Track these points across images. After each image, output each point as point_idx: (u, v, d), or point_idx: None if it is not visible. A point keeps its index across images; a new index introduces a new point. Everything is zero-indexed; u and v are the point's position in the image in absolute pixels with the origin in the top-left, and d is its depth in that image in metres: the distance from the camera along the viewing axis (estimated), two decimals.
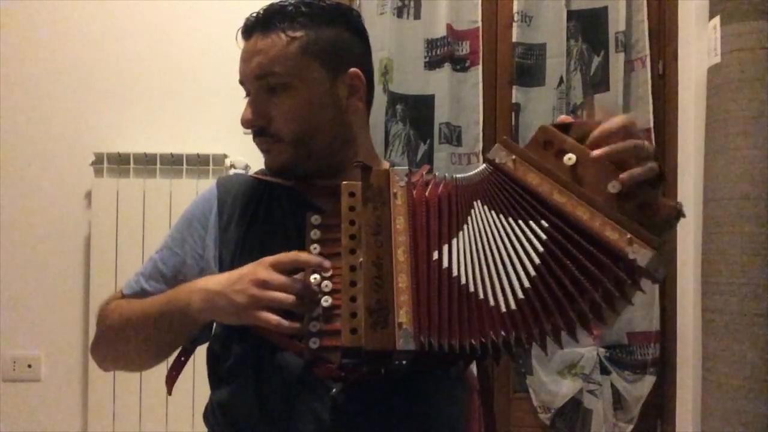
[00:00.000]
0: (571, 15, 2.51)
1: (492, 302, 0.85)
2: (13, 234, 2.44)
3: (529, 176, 0.86)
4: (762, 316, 1.98)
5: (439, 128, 2.46)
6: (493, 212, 0.87)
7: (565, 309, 0.82)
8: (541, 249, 0.84)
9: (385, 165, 1.17)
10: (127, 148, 2.41)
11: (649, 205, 0.82)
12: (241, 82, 1.11)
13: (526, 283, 0.84)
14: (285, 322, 0.91)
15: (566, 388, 2.42)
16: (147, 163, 2.39)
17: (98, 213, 2.37)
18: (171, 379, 1.08)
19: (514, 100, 2.49)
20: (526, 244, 0.84)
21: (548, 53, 2.49)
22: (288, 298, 0.91)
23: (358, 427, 0.97)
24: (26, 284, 2.43)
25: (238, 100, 2.68)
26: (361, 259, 0.87)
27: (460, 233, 0.88)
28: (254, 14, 1.11)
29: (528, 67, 2.50)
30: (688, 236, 2.36)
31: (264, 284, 0.91)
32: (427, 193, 0.91)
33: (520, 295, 0.84)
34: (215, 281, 0.97)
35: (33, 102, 2.47)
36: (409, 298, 0.85)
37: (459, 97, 2.49)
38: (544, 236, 0.84)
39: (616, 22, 2.47)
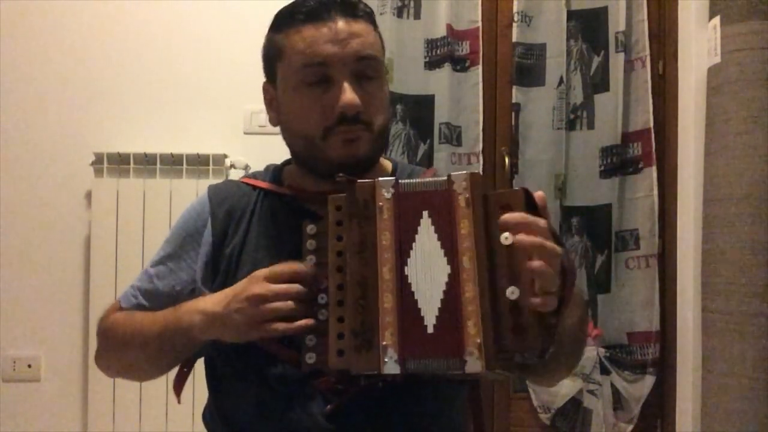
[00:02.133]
0: (571, 15, 2.51)
1: (425, 321, 0.83)
2: (13, 234, 2.43)
3: (463, 222, 0.83)
4: (762, 316, 1.98)
5: (439, 128, 2.46)
6: (433, 228, 0.85)
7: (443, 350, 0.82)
8: (444, 287, 0.83)
9: (387, 165, 1.14)
10: (127, 148, 2.40)
11: (525, 330, 0.78)
12: (321, 63, 0.98)
13: (436, 311, 0.83)
14: (291, 325, 0.89)
15: (566, 388, 2.42)
16: (147, 163, 2.39)
17: (98, 213, 2.37)
18: (178, 389, 1.07)
19: (514, 100, 2.49)
20: (439, 278, 0.83)
21: (548, 53, 2.50)
22: (286, 306, 0.89)
23: None
24: (26, 284, 2.42)
25: (238, 101, 2.70)
26: (347, 278, 0.85)
27: (414, 244, 0.86)
28: None
29: (528, 67, 2.50)
30: (688, 236, 2.36)
31: (260, 299, 0.89)
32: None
33: (434, 320, 0.83)
34: (212, 302, 0.95)
35: (33, 102, 2.47)
36: (394, 318, 0.83)
37: (459, 97, 2.49)
38: (446, 279, 0.83)
39: (616, 22, 2.48)
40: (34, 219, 2.44)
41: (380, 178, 0.88)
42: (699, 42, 2.27)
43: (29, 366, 2.42)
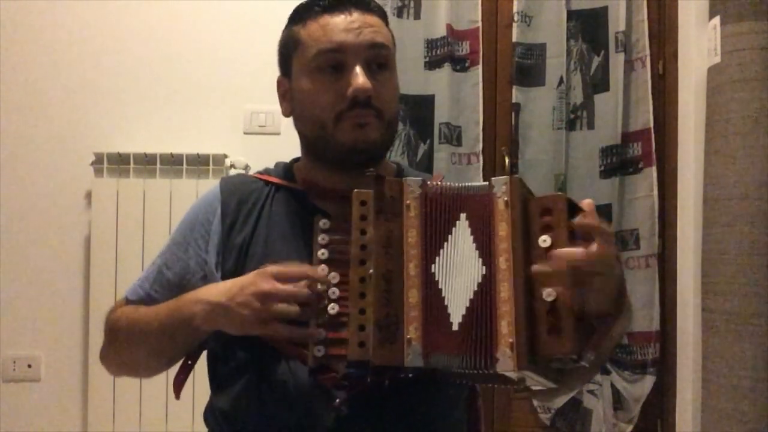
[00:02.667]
0: (571, 15, 2.51)
1: (450, 318, 0.84)
2: (13, 234, 2.43)
3: (501, 225, 0.83)
4: (762, 316, 1.98)
5: (439, 128, 2.46)
6: (469, 230, 0.86)
7: (464, 354, 0.82)
8: (475, 287, 0.83)
9: (392, 166, 1.15)
10: (127, 148, 2.41)
11: (561, 332, 0.78)
12: (335, 50, 1.01)
13: (464, 310, 0.83)
14: (293, 331, 0.90)
15: None
16: (147, 163, 2.39)
17: (98, 213, 2.37)
18: (179, 383, 1.07)
19: (514, 100, 2.49)
20: (471, 278, 0.84)
21: (548, 53, 2.50)
22: (292, 309, 0.89)
23: None
24: (26, 284, 2.42)
25: (238, 100, 2.70)
26: (371, 271, 0.86)
27: (446, 244, 0.87)
28: None
29: (528, 67, 2.50)
30: (688, 236, 2.36)
31: (267, 296, 0.90)
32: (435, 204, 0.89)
33: (460, 319, 0.83)
34: (216, 292, 0.95)
35: (33, 102, 2.47)
36: (419, 313, 0.84)
37: (459, 97, 2.49)
38: (480, 279, 0.83)
39: (616, 22, 2.48)
40: (34, 219, 2.44)
41: (408, 178, 0.89)
42: (699, 42, 2.27)
43: (29, 366, 2.42)
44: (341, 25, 1.02)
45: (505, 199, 0.84)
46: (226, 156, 2.41)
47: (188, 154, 2.39)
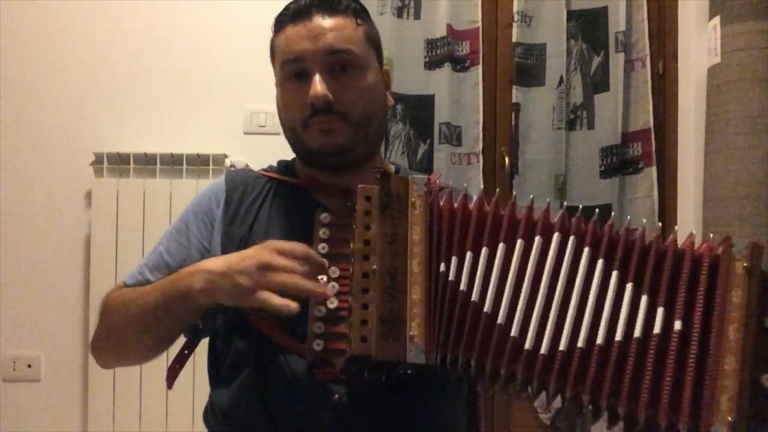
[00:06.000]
0: (571, 15, 2.51)
1: (514, 332, 0.83)
2: (13, 234, 2.43)
3: (736, 291, 0.79)
4: None
5: (439, 128, 2.46)
6: (612, 271, 0.83)
7: (600, 392, 0.81)
8: (638, 334, 0.81)
9: (390, 168, 1.16)
10: (127, 148, 2.41)
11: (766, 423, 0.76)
12: (295, 59, 1.04)
13: (579, 342, 0.82)
14: (291, 304, 0.87)
15: None
16: (147, 163, 2.39)
17: (98, 213, 2.37)
18: (173, 373, 1.06)
19: (514, 100, 2.49)
20: (626, 314, 0.81)
21: (548, 53, 2.50)
22: (291, 279, 0.88)
23: (359, 429, 0.96)
24: (26, 284, 2.42)
25: (238, 101, 2.69)
26: (374, 267, 0.86)
27: (484, 249, 0.86)
28: None
29: (528, 67, 2.50)
30: None
31: (267, 266, 0.89)
32: (454, 205, 0.89)
33: (561, 347, 0.82)
34: (217, 263, 0.95)
35: (33, 102, 2.47)
36: (421, 310, 0.84)
37: (459, 97, 2.49)
38: (658, 329, 0.80)
39: (616, 22, 2.48)
40: (34, 219, 2.44)
41: (414, 176, 0.91)
42: (699, 42, 2.27)
43: (29, 366, 2.42)
44: (302, 33, 1.04)
45: (745, 264, 0.81)
46: (226, 156, 2.41)
47: (188, 154, 2.39)
